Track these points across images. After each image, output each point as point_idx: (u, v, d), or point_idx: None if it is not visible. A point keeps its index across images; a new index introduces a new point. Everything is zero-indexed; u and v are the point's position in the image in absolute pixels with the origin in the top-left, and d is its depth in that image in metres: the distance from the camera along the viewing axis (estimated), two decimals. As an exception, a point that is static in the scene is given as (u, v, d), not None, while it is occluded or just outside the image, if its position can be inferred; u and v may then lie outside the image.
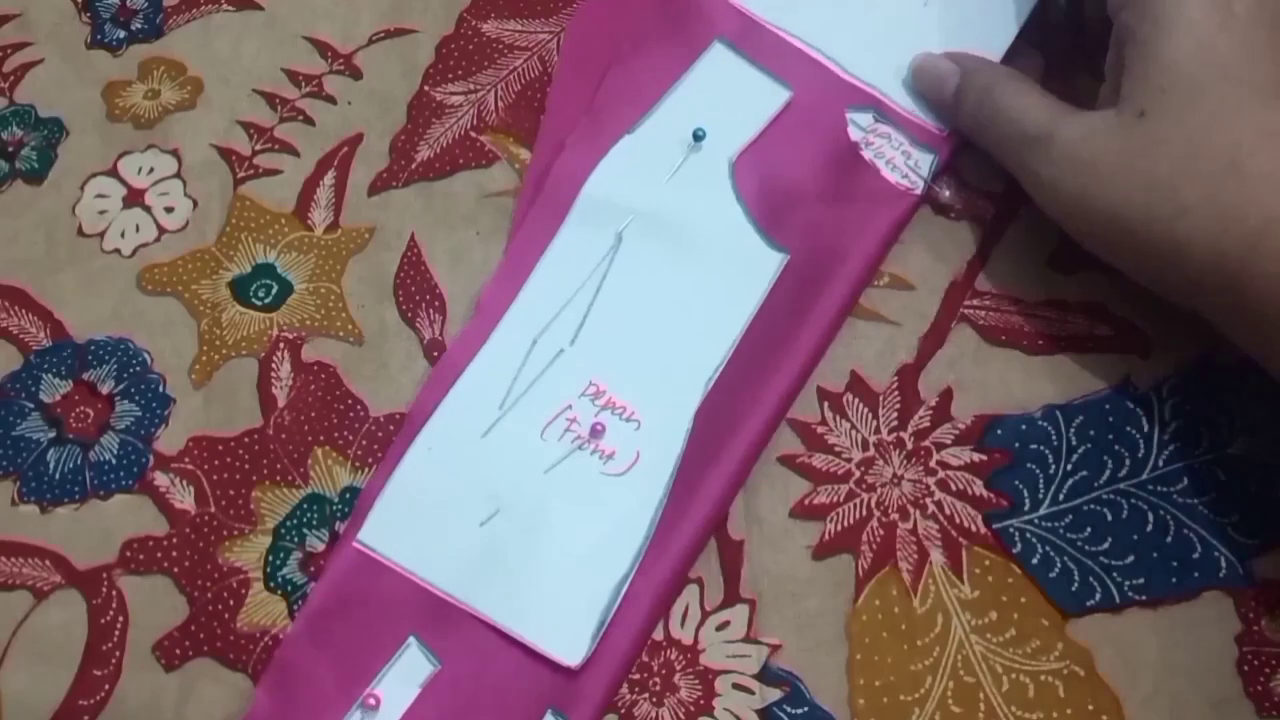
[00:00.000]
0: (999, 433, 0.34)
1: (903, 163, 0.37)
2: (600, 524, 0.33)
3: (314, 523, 0.35)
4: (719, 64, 0.39)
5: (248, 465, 0.36)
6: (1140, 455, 0.34)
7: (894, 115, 0.38)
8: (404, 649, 0.32)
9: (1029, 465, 0.34)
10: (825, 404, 0.35)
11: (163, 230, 0.39)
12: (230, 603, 0.34)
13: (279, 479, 0.35)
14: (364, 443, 0.36)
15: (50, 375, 0.37)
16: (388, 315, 0.38)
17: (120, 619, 0.34)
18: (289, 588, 0.34)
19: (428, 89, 0.41)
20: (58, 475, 0.36)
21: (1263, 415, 0.33)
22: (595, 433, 0.34)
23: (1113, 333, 0.35)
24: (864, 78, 0.38)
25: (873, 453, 0.34)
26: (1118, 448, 0.34)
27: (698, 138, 0.38)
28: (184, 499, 0.35)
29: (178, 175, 0.40)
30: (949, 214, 0.37)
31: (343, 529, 0.34)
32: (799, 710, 0.32)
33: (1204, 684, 0.31)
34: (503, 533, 0.33)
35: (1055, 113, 0.33)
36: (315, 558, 0.34)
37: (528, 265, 0.37)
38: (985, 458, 0.34)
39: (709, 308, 0.36)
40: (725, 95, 0.38)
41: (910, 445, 0.34)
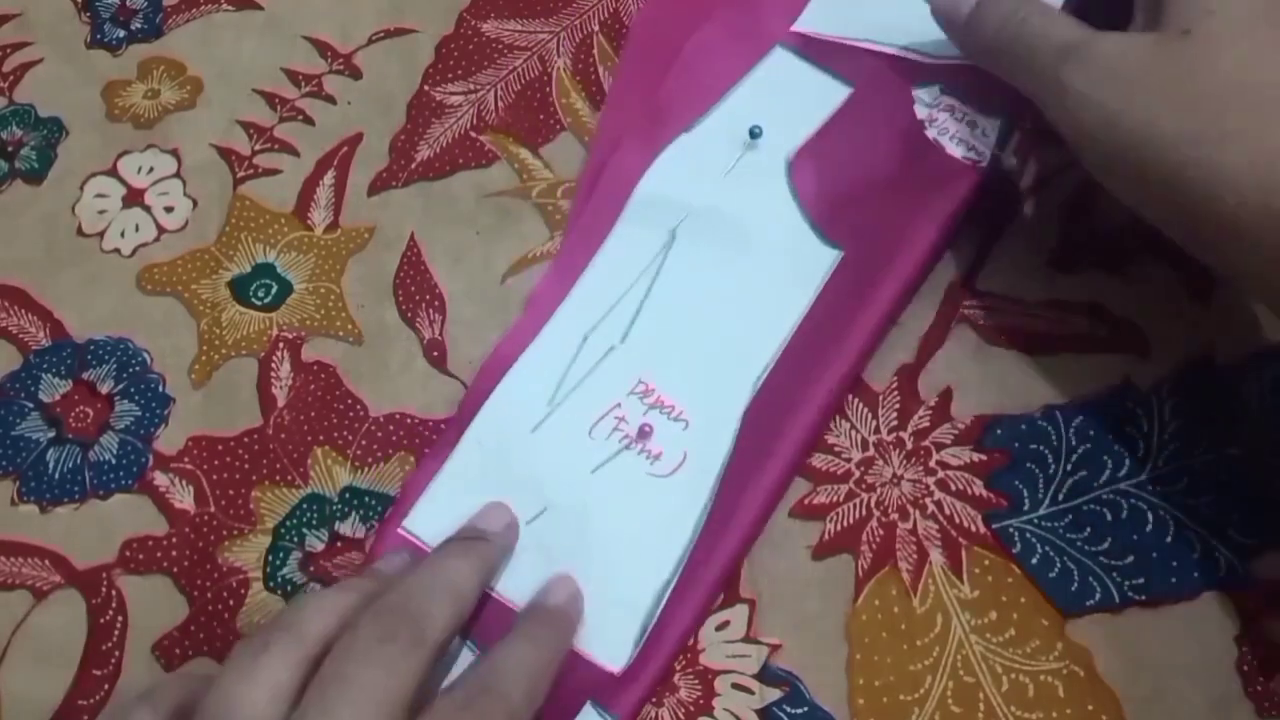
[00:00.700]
0: (999, 433, 0.34)
1: (968, 135, 0.36)
2: (645, 526, 0.33)
3: (314, 523, 0.35)
4: (780, 66, 0.39)
5: (247, 465, 0.36)
6: (1140, 455, 0.34)
7: (961, 85, 0.37)
8: None
9: (1029, 465, 0.34)
10: (825, 404, 0.35)
11: (162, 230, 0.39)
12: (230, 603, 0.34)
13: (279, 479, 0.35)
14: (364, 442, 0.36)
15: (50, 375, 0.37)
16: (387, 315, 0.38)
17: (120, 619, 0.34)
18: (289, 588, 0.34)
19: (427, 89, 0.41)
20: (57, 475, 0.36)
21: (1262, 415, 0.33)
22: (643, 434, 0.34)
23: (1113, 333, 0.35)
24: (941, 54, 0.37)
25: (872, 453, 0.34)
26: (1118, 448, 0.34)
27: (754, 135, 0.37)
28: (184, 499, 0.35)
29: (177, 175, 0.40)
30: (1016, 181, 0.36)
31: (387, 515, 0.34)
32: (799, 710, 0.32)
33: (1204, 684, 0.31)
34: (549, 532, 0.33)
35: (1088, 29, 0.31)
36: (315, 558, 0.34)
37: (581, 261, 0.37)
38: (985, 458, 0.34)
39: (760, 306, 0.35)
40: (785, 95, 0.38)
41: (910, 445, 0.34)
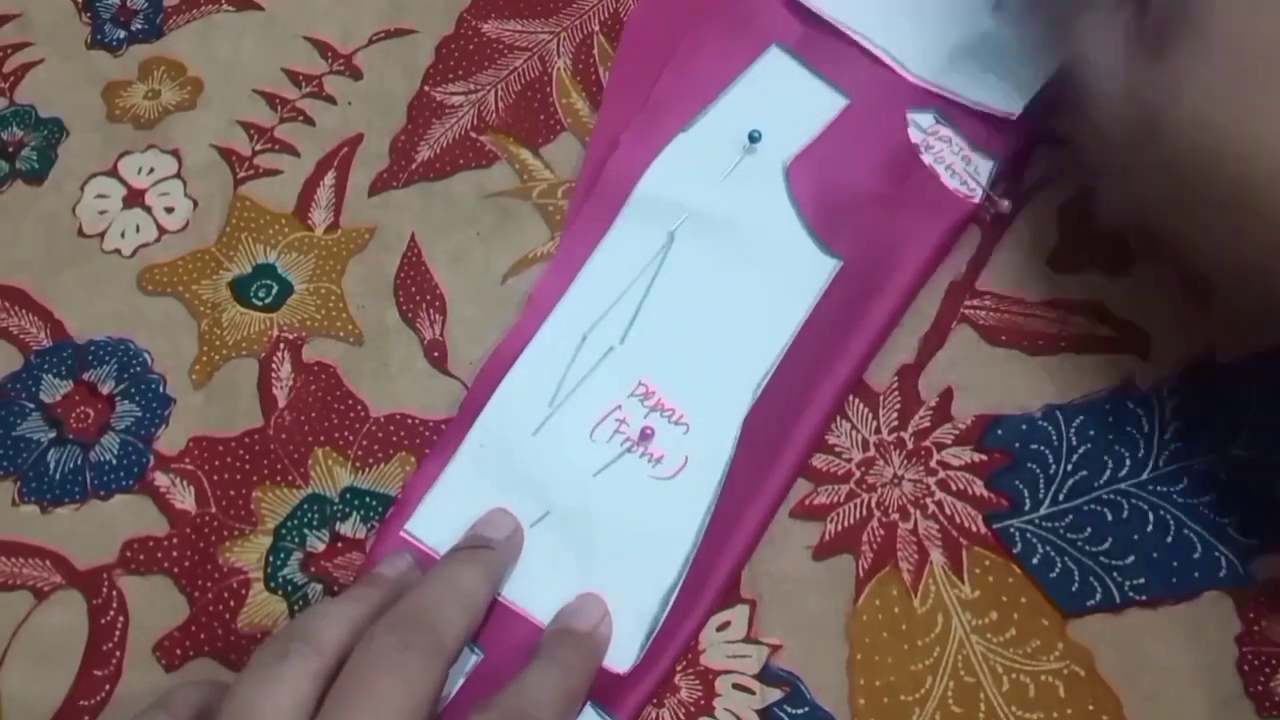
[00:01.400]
0: (999, 433, 0.34)
1: (962, 168, 0.36)
2: (649, 530, 0.33)
3: (314, 523, 0.35)
4: (775, 67, 0.39)
5: (248, 465, 0.36)
6: (1140, 455, 0.34)
7: (955, 116, 0.37)
8: None
9: (1029, 465, 0.34)
10: (825, 404, 0.35)
11: (163, 230, 0.39)
12: (231, 603, 0.34)
13: (279, 479, 0.35)
14: (364, 443, 0.36)
15: (51, 375, 0.37)
16: (388, 315, 0.38)
17: (120, 619, 0.34)
18: (289, 588, 0.34)
19: (428, 89, 0.41)
20: (58, 475, 0.36)
21: (1263, 415, 0.33)
22: (645, 436, 0.34)
23: (1113, 333, 0.35)
24: (927, 76, 0.38)
25: (873, 453, 0.34)
26: (1118, 448, 0.34)
27: (753, 139, 0.37)
28: (184, 499, 0.35)
29: (178, 175, 0.40)
30: (1007, 224, 0.36)
31: (387, 515, 0.34)
32: (799, 710, 0.32)
33: (1204, 684, 0.31)
34: (553, 536, 0.33)
35: None
36: (315, 558, 0.34)
37: (579, 260, 0.37)
38: (985, 458, 0.34)
39: (760, 312, 0.35)
40: (781, 98, 0.38)
41: (910, 445, 0.34)
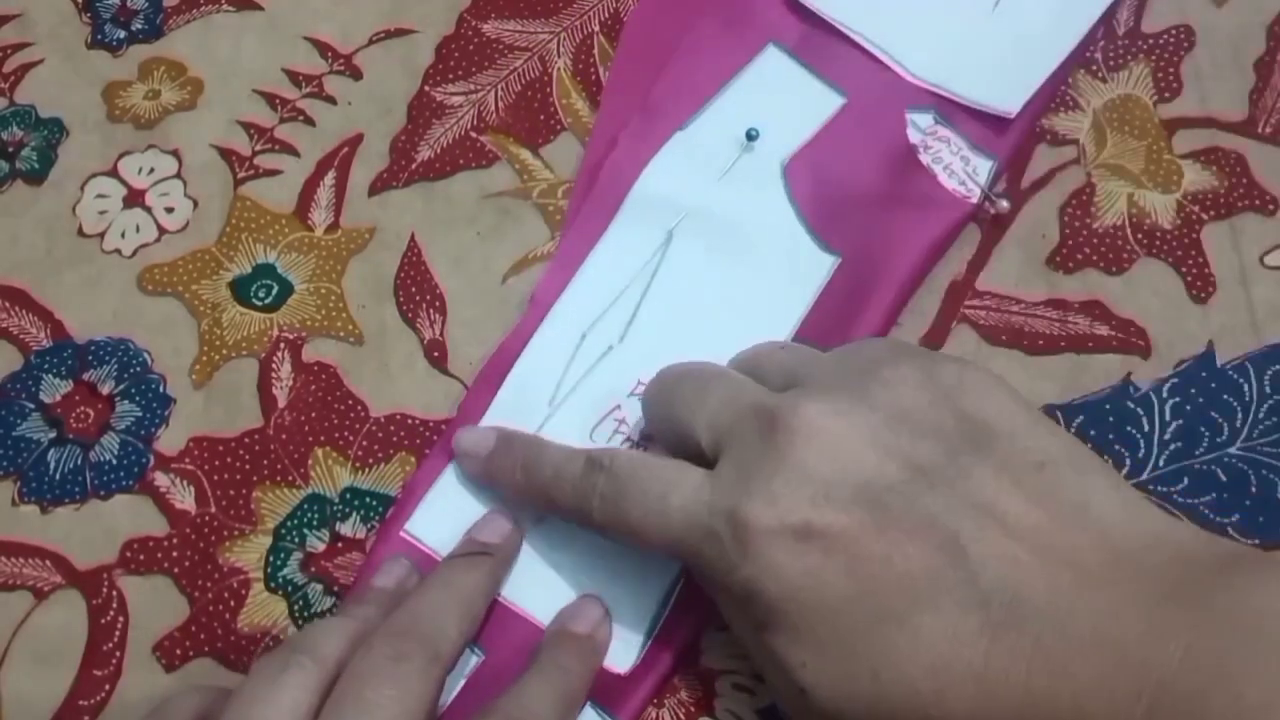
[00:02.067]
0: (999, 433, 0.34)
1: (960, 168, 0.36)
2: None
3: (315, 523, 0.35)
4: (773, 66, 0.39)
5: (248, 465, 0.36)
6: (1140, 455, 0.34)
7: (954, 117, 0.37)
8: None
9: (1029, 465, 0.34)
10: (825, 404, 0.35)
11: (163, 230, 0.39)
12: (231, 603, 0.34)
13: (279, 479, 0.35)
14: (364, 443, 0.36)
15: (50, 375, 0.37)
16: (388, 315, 0.38)
17: (120, 619, 0.34)
18: (290, 588, 0.34)
19: (428, 89, 0.41)
20: (58, 475, 0.36)
21: (1263, 415, 0.33)
22: (645, 436, 0.34)
23: (1113, 333, 0.35)
24: (926, 77, 0.38)
25: (873, 453, 0.34)
26: (1118, 448, 0.34)
27: (751, 138, 0.37)
28: (184, 499, 0.35)
29: (178, 175, 0.40)
30: (1006, 224, 0.36)
31: (388, 516, 0.34)
32: (799, 710, 0.32)
33: (1204, 684, 0.31)
34: (554, 536, 0.33)
35: None
36: (316, 558, 0.34)
37: (578, 259, 0.37)
38: (985, 458, 0.34)
39: (758, 310, 0.36)
40: (778, 97, 0.38)
41: (910, 445, 0.34)
